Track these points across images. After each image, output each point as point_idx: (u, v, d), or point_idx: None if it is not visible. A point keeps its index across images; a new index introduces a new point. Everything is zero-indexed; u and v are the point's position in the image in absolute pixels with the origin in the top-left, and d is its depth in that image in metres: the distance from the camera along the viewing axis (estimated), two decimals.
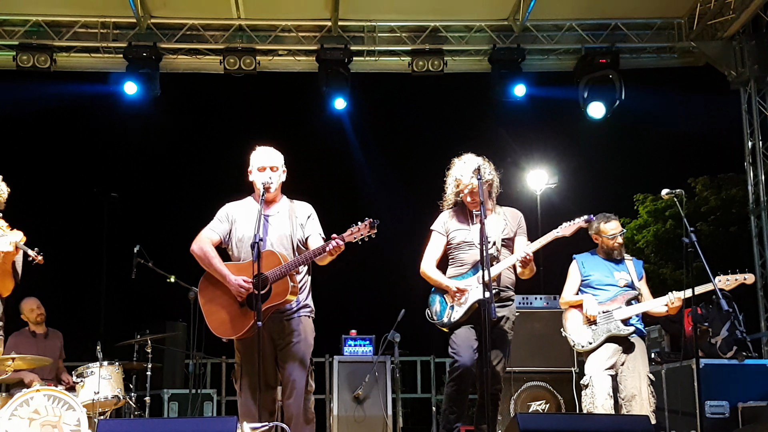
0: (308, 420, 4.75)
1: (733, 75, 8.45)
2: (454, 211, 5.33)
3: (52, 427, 5.90)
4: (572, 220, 5.11)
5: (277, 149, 5.02)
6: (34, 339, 7.32)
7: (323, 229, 4.91)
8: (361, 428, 6.80)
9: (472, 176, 5.02)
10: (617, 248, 5.71)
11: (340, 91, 8.32)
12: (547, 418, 4.47)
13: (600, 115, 8.26)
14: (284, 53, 8.53)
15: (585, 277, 5.72)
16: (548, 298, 7.56)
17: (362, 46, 8.43)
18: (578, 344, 5.58)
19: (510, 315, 5.18)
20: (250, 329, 4.61)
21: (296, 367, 4.68)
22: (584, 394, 5.52)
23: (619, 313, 5.51)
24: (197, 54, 8.42)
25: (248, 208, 4.94)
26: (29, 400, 5.91)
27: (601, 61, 8.26)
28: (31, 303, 7.42)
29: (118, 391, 6.53)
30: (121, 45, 8.11)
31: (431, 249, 5.33)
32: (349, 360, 7.14)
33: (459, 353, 5.02)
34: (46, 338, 7.40)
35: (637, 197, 18.43)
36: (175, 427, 3.50)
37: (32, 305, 7.41)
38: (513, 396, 7.18)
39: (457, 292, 5.08)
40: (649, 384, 5.45)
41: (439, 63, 8.30)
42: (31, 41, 7.96)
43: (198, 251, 4.82)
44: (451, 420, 5.07)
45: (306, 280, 4.87)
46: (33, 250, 4.66)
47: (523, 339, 6.92)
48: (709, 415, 6.14)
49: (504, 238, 5.20)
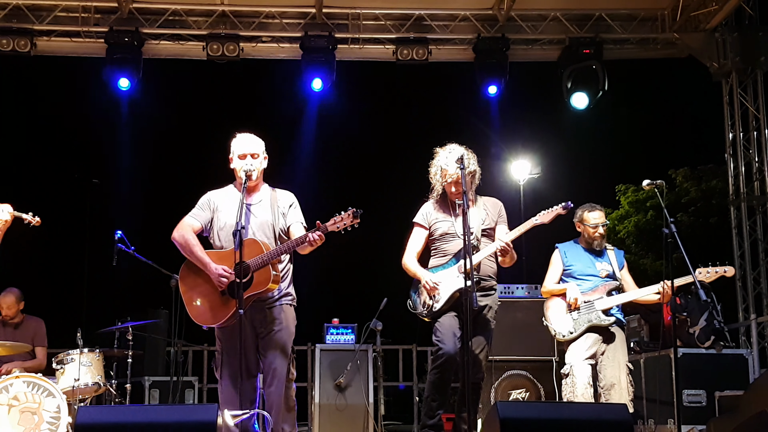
0: (289, 408, 4.76)
1: (715, 67, 8.50)
2: (436, 202, 5.34)
3: (32, 414, 5.87)
4: (550, 208, 5.14)
5: (258, 136, 5.00)
6: (4, 328, 7.10)
7: (306, 219, 4.91)
8: (343, 416, 6.82)
9: (456, 166, 5.04)
10: (598, 239, 5.74)
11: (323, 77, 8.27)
12: (527, 407, 4.50)
13: (583, 105, 8.29)
14: (268, 40, 8.47)
15: (567, 266, 5.75)
16: (530, 287, 7.60)
17: (347, 34, 8.39)
18: (559, 333, 5.62)
19: (492, 304, 5.21)
20: (230, 317, 4.60)
21: (278, 355, 4.68)
22: (564, 383, 5.57)
23: (601, 303, 5.55)
24: (180, 40, 8.34)
25: (230, 196, 4.91)
26: (8, 386, 5.88)
27: (585, 51, 8.28)
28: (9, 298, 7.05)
29: (99, 378, 6.50)
30: (102, 30, 8.02)
31: (412, 241, 5.36)
32: (331, 348, 7.15)
33: (443, 341, 5.05)
34: (16, 329, 7.16)
35: (619, 188, 18.54)
36: (155, 414, 3.49)
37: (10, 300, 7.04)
38: (493, 384, 7.22)
39: (430, 288, 5.10)
40: (628, 373, 5.51)
41: (424, 52, 8.28)
42: (11, 25, 7.85)
43: (179, 239, 4.79)
44: (433, 407, 5.10)
45: (288, 268, 4.87)
46: (27, 213, 4.78)
47: (505, 328, 6.95)
48: (686, 403, 6.21)
49: (484, 228, 5.23)
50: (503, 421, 3.62)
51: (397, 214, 6.38)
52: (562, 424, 3.70)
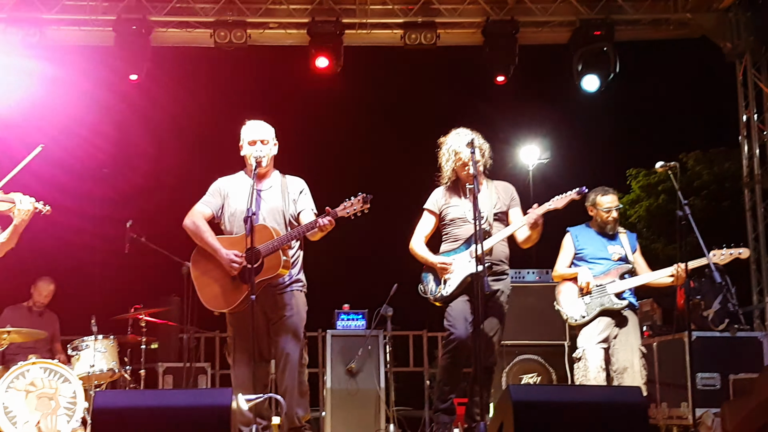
0: (302, 392, 4.79)
1: (729, 47, 8.40)
2: (446, 188, 5.34)
3: (49, 399, 5.95)
4: (564, 193, 5.12)
5: (268, 123, 5.00)
6: (30, 314, 7.34)
7: (316, 205, 4.91)
8: (355, 401, 6.84)
9: (466, 150, 5.02)
10: (611, 223, 5.71)
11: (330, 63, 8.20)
12: (539, 390, 4.49)
13: (594, 88, 8.20)
14: (275, 26, 8.43)
15: (579, 250, 5.73)
16: (541, 272, 7.59)
17: (354, 19, 8.33)
18: (571, 317, 5.61)
19: (505, 289, 5.20)
20: (241, 302, 4.63)
21: (289, 340, 4.71)
22: (576, 367, 5.57)
23: (613, 286, 5.53)
24: (187, 27, 8.31)
25: (240, 182, 4.93)
26: (25, 372, 5.96)
27: (596, 33, 8.17)
28: (48, 286, 7.44)
29: (114, 364, 6.57)
30: (110, 18, 8.00)
31: (421, 226, 5.36)
32: (342, 334, 7.16)
33: (454, 326, 5.06)
34: (41, 316, 7.41)
35: (630, 172, 18.44)
36: (171, 398, 3.51)
37: (49, 289, 7.43)
38: (505, 369, 7.23)
39: (441, 268, 5.11)
40: (641, 357, 5.50)
41: (432, 36, 8.21)
42: (20, 14, 7.85)
43: (190, 225, 4.83)
44: (445, 391, 5.12)
45: (298, 254, 4.89)
46: (39, 202, 4.90)
47: (516, 313, 6.93)
48: (700, 387, 6.19)
49: (496, 212, 5.22)
50: (516, 404, 3.60)
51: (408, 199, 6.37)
52: (576, 407, 3.69)
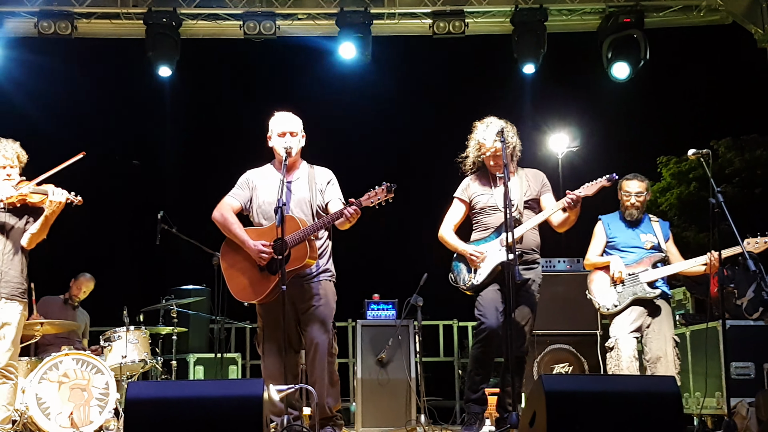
0: (333, 382, 4.80)
1: (760, 33, 8.24)
2: (476, 176, 5.32)
3: (82, 390, 6.02)
4: (594, 180, 5.08)
5: (295, 114, 5.01)
6: (65, 306, 7.47)
7: (345, 194, 4.92)
8: (385, 391, 6.85)
9: (495, 139, 5.00)
10: (629, 208, 5.64)
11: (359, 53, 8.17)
12: (572, 379, 4.46)
13: (624, 75, 8.09)
14: (304, 17, 8.42)
15: (610, 239, 5.67)
16: (571, 261, 7.52)
17: (382, 9, 8.30)
18: (603, 306, 5.56)
19: (536, 277, 5.17)
20: (270, 293, 4.66)
21: (319, 330, 4.72)
22: (609, 357, 5.52)
23: (646, 275, 5.47)
24: (217, 19, 8.34)
25: (268, 174, 4.96)
26: (58, 363, 6.04)
27: (626, 20, 8.07)
28: (89, 283, 7.58)
29: (145, 355, 6.64)
30: (140, 11, 8.05)
31: (450, 215, 5.36)
32: (372, 324, 7.17)
33: (485, 315, 5.04)
34: (74, 310, 7.53)
35: (660, 160, 18.23)
36: (203, 389, 3.54)
37: (90, 286, 7.57)
38: (536, 359, 7.19)
39: (472, 256, 5.10)
40: (674, 346, 5.44)
41: (460, 24, 8.16)
42: (52, 8, 7.92)
43: (219, 218, 4.88)
44: (476, 381, 5.11)
45: (327, 244, 4.90)
46: (70, 193, 5.03)
47: (546, 302, 6.89)
48: (734, 376, 6.11)
49: (527, 200, 5.19)
50: (549, 393, 3.59)
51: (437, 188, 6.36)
52: (609, 397, 3.66)
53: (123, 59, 8.73)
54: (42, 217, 5.08)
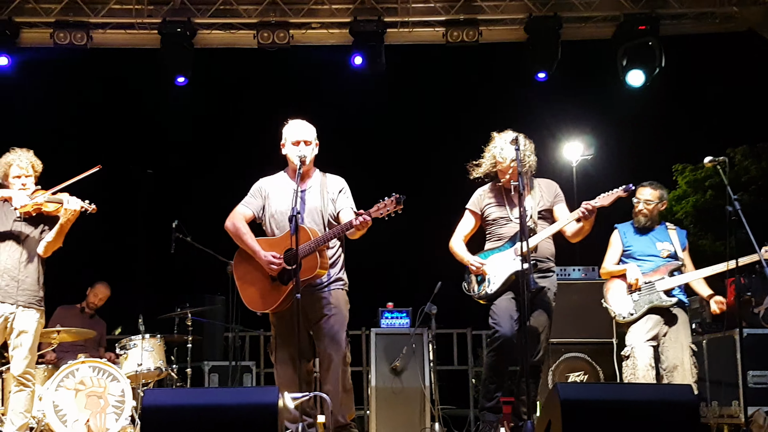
0: (346, 391, 4.80)
1: None
2: (489, 188, 5.32)
3: (98, 398, 6.05)
4: (611, 190, 5.04)
5: (309, 122, 5.01)
6: (81, 315, 7.51)
7: (357, 203, 4.92)
8: (399, 399, 6.83)
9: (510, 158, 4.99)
10: (637, 215, 5.63)
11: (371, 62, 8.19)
12: (588, 388, 4.43)
13: (639, 83, 8.06)
14: (317, 26, 8.46)
15: (627, 247, 5.65)
16: (586, 269, 7.49)
17: (396, 18, 8.32)
18: (619, 315, 5.53)
19: (551, 286, 5.15)
20: (281, 303, 4.66)
21: (332, 339, 4.72)
22: (625, 365, 5.49)
23: (662, 283, 5.44)
24: (231, 29, 8.40)
25: (281, 182, 4.96)
26: (75, 371, 6.07)
27: (641, 27, 8.05)
28: (105, 290, 7.63)
29: (161, 363, 6.66)
30: (155, 21, 8.12)
31: (461, 226, 5.37)
32: (386, 332, 7.16)
33: (499, 323, 5.02)
34: (91, 318, 7.57)
35: (676, 167, 18.13)
36: (219, 396, 3.55)
37: (106, 293, 7.62)
38: (551, 367, 7.15)
39: (471, 265, 5.09)
40: (691, 354, 5.40)
41: (474, 33, 8.16)
42: (68, 18, 8.00)
43: (231, 227, 4.89)
44: (491, 390, 5.08)
45: (339, 253, 4.90)
46: (84, 201, 5.07)
47: (561, 310, 6.84)
48: (751, 385, 6.06)
49: (540, 210, 5.17)
50: (564, 402, 3.56)
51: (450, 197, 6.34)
52: (625, 405, 3.63)
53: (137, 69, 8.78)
54: (57, 225, 5.11)
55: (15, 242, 5.17)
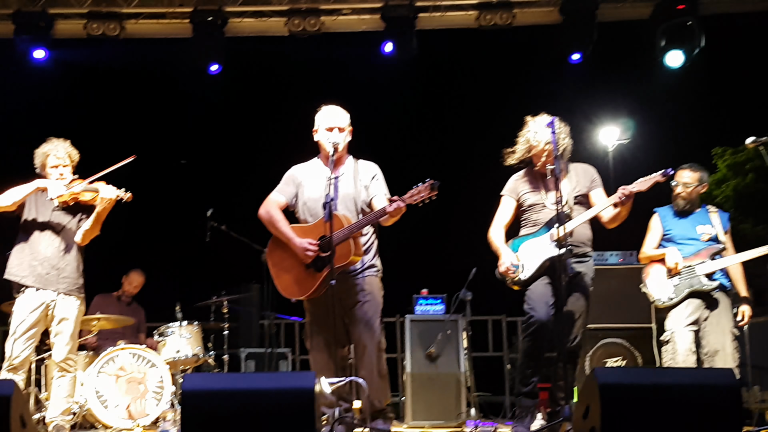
0: (382, 377, 4.79)
1: None
2: (524, 173, 5.26)
3: (138, 384, 6.15)
4: (649, 175, 4.94)
5: (342, 108, 4.99)
6: (119, 303, 7.62)
7: (391, 189, 4.89)
8: (435, 385, 6.82)
9: (545, 140, 4.92)
10: (675, 198, 5.52)
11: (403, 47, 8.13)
12: (626, 372, 4.37)
13: (678, 64, 7.90)
14: (348, 12, 8.43)
15: (666, 231, 5.55)
16: (624, 254, 7.39)
17: (427, 2, 8.25)
18: (659, 299, 5.45)
19: (588, 271, 5.08)
20: (316, 290, 4.67)
21: (366, 325, 4.72)
22: (665, 350, 5.41)
23: (702, 267, 5.34)
24: (262, 16, 8.40)
25: (314, 169, 4.95)
26: (115, 358, 6.18)
27: (679, 7, 7.87)
28: (139, 278, 7.72)
29: (198, 350, 6.73)
30: (186, 10, 8.15)
31: (499, 214, 5.29)
32: (420, 319, 7.15)
33: (534, 309, 4.97)
34: (128, 306, 7.67)
35: (716, 151, 17.78)
36: (257, 381, 3.56)
37: (140, 280, 7.71)
38: (588, 353, 7.09)
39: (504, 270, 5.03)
40: (733, 339, 5.30)
41: (508, 16, 8.06)
42: (100, 9, 8.07)
43: (264, 215, 4.90)
44: (527, 375, 5.04)
45: (372, 240, 4.88)
46: (120, 189, 5.17)
47: (599, 296, 6.76)
48: None
49: (576, 195, 5.10)
50: (602, 386, 3.51)
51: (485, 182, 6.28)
52: (665, 390, 3.56)
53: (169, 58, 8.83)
54: (94, 213, 5.18)
55: (54, 231, 5.25)
